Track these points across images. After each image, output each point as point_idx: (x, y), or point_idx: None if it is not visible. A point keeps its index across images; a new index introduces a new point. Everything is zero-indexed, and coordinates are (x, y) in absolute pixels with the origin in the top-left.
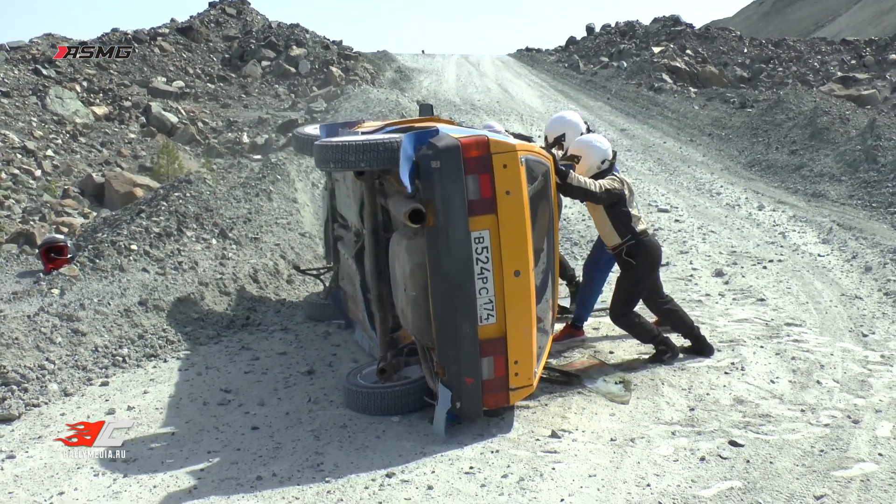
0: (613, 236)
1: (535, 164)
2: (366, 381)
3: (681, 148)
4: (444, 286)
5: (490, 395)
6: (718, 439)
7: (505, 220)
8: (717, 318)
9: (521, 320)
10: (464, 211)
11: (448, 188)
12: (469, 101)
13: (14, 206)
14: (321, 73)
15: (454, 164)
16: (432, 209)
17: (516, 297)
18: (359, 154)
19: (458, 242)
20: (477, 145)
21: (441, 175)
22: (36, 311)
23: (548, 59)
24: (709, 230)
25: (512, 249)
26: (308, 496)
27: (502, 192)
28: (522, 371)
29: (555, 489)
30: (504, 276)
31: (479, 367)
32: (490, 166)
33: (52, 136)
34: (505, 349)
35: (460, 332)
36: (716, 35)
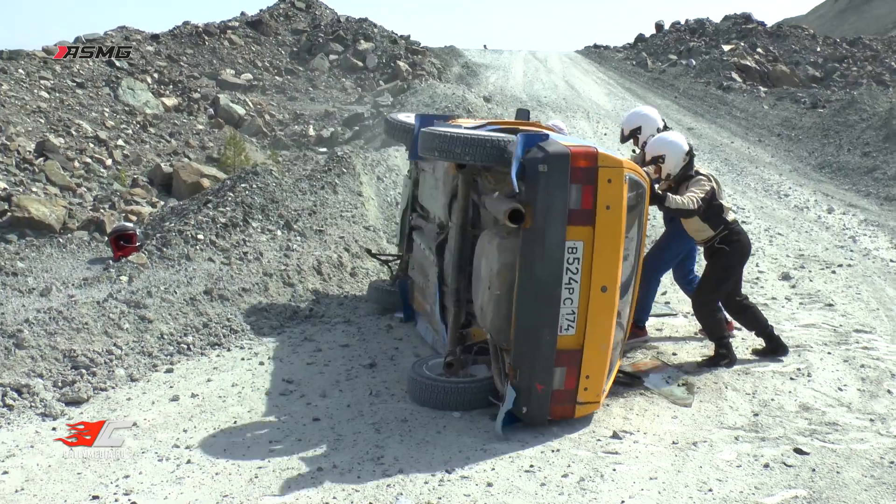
0: (706, 231)
1: (635, 183)
2: (431, 373)
3: (749, 148)
4: (532, 290)
5: (557, 405)
6: (783, 446)
7: (601, 234)
8: (783, 322)
9: (599, 336)
10: (563, 218)
11: (552, 193)
12: (536, 98)
13: (86, 193)
14: (388, 67)
15: (561, 170)
16: (532, 212)
17: (599, 313)
18: (465, 147)
19: (553, 249)
20: (585, 156)
21: (547, 180)
22: (105, 298)
23: (616, 56)
24: (776, 232)
25: (603, 265)
26: (368, 489)
27: (603, 207)
28: (592, 387)
29: (615, 490)
30: (591, 289)
31: (552, 376)
32: (595, 178)
33: (122, 126)
34: (579, 362)
35: (540, 338)
36: (788, 33)
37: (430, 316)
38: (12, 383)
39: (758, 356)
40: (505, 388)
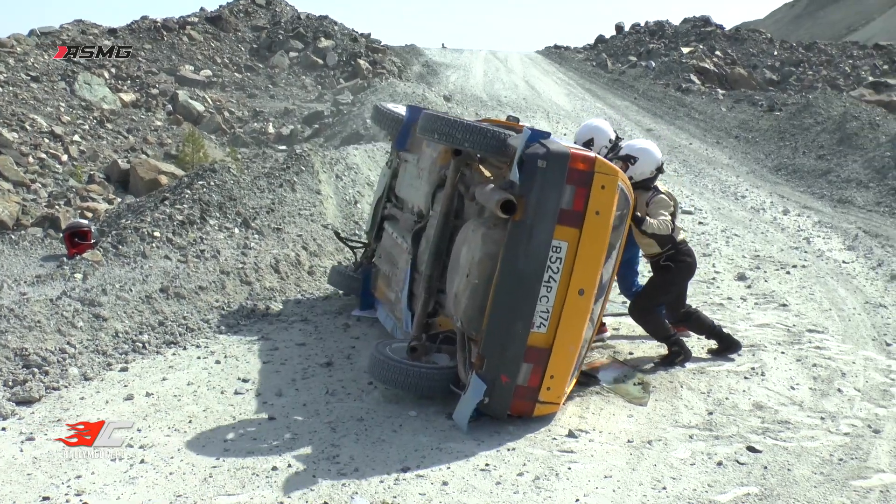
0: (653, 247)
1: (624, 196)
2: (394, 355)
3: (707, 150)
4: (512, 282)
5: (519, 400)
6: (736, 444)
7: (587, 238)
8: (738, 322)
9: (570, 338)
10: (553, 216)
11: (546, 190)
12: (496, 98)
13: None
14: (349, 65)
15: (559, 169)
16: (524, 205)
17: (573, 315)
18: (466, 133)
19: (539, 244)
20: (584, 159)
21: (544, 176)
22: (58, 295)
23: (576, 57)
24: (732, 233)
25: (584, 268)
26: (323, 488)
27: (592, 211)
28: (555, 387)
29: (570, 489)
30: (569, 290)
31: (519, 370)
32: (590, 182)
33: (79, 121)
34: (546, 361)
35: (513, 330)
36: (746, 37)
37: (393, 304)
38: None
39: (713, 355)
40: (469, 378)
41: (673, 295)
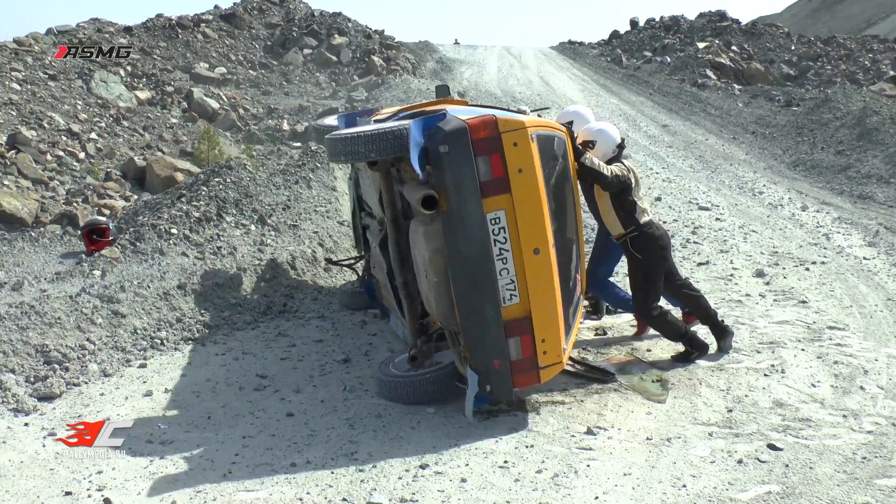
0: (617, 226)
1: (548, 139)
2: (398, 370)
3: (723, 145)
4: (464, 270)
5: (520, 375)
6: (757, 442)
7: (520, 198)
8: (756, 318)
9: (544, 298)
10: (476, 193)
11: (458, 172)
12: (510, 94)
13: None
14: (363, 62)
15: (463, 146)
16: (445, 194)
17: (538, 276)
18: (368, 144)
19: (474, 225)
20: (485, 125)
21: (450, 159)
22: (78, 292)
23: (590, 52)
24: (750, 230)
25: (529, 228)
26: (342, 484)
27: (514, 171)
28: (551, 349)
29: (589, 486)
30: (524, 255)
31: (507, 349)
32: (500, 146)
33: (95, 119)
34: (531, 328)
35: (483, 316)
36: (762, 31)
37: (396, 311)
38: None
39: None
40: (466, 371)
41: (659, 280)
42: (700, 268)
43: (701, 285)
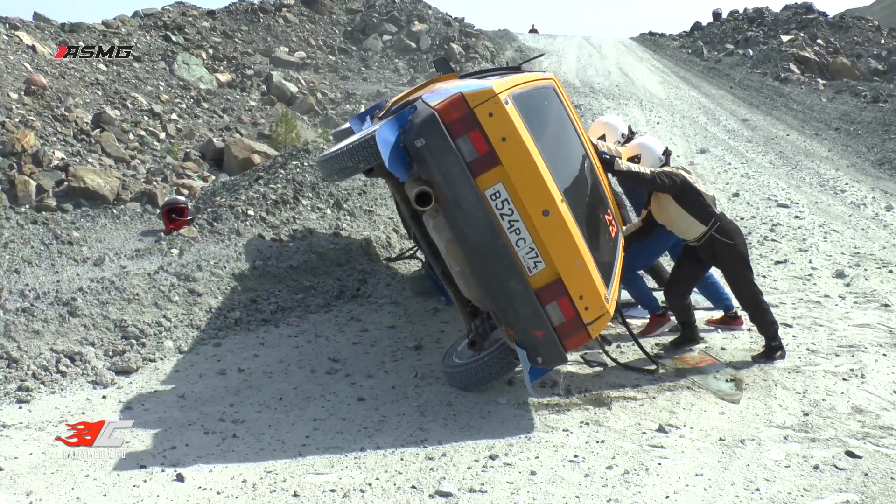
0: (696, 226)
1: (528, 95)
2: (462, 359)
3: (805, 141)
4: (479, 254)
5: (569, 338)
6: (834, 448)
7: (513, 166)
8: (835, 321)
9: (570, 256)
10: (467, 176)
11: (442, 161)
12: (589, 84)
13: (139, 166)
14: (441, 49)
15: (438, 135)
16: (437, 186)
17: (556, 236)
18: (355, 157)
19: (473, 207)
20: (454, 105)
21: (430, 151)
22: (156, 270)
23: (671, 44)
24: (831, 229)
25: (531, 192)
26: (411, 471)
27: (498, 141)
28: (592, 303)
29: (660, 485)
30: (534, 220)
31: (546, 317)
32: (476, 121)
33: (177, 100)
34: (565, 290)
35: (511, 291)
36: (850, 24)
37: None
38: (66, 350)
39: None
40: (513, 352)
41: (749, 268)
42: (777, 266)
43: (778, 284)
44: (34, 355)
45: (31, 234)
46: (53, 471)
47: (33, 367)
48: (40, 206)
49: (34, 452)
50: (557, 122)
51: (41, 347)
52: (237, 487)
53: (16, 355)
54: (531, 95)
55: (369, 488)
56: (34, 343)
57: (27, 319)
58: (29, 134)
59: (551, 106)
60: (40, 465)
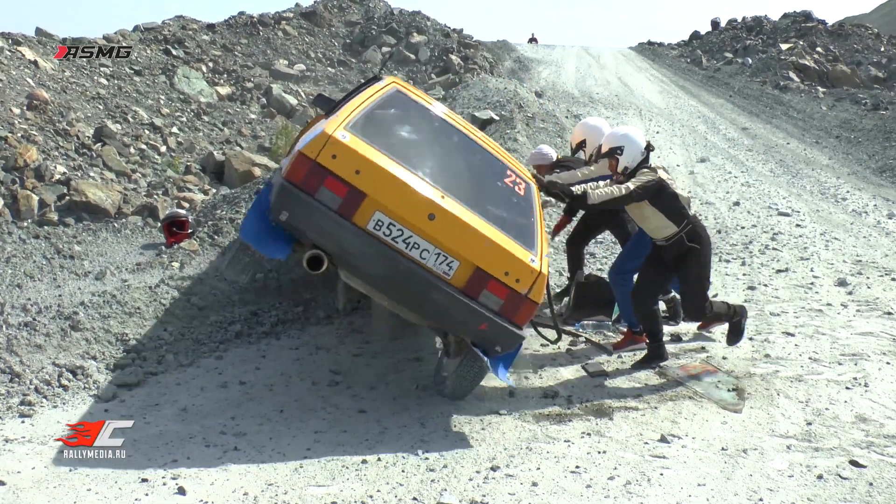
0: (668, 227)
1: (373, 112)
2: (446, 371)
3: (805, 150)
4: (390, 285)
5: (515, 315)
6: (838, 457)
7: (377, 191)
8: (838, 329)
9: (474, 243)
10: (341, 223)
11: (312, 221)
12: (588, 94)
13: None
14: (440, 60)
15: (295, 201)
16: (322, 245)
17: (453, 232)
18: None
19: (364, 247)
20: (298, 165)
21: (297, 218)
22: (157, 283)
23: (670, 53)
24: (832, 237)
25: (408, 205)
26: (412, 483)
27: (353, 176)
28: (520, 273)
29: (662, 496)
30: (424, 228)
31: (482, 309)
32: (323, 169)
33: (177, 113)
34: (488, 274)
35: (438, 303)
36: (850, 32)
37: None
38: (68, 364)
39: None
40: (476, 353)
41: (707, 278)
42: (779, 275)
43: (779, 293)
44: (36, 369)
45: (33, 248)
46: (56, 485)
47: (35, 382)
48: (42, 221)
49: (37, 467)
50: (414, 119)
51: (43, 362)
52: (238, 500)
53: (18, 370)
54: (373, 112)
55: (371, 500)
56: (36, 357)
57: (29, 334)
58: (31, 149)
59: (401, 108)
60: (43, 479)
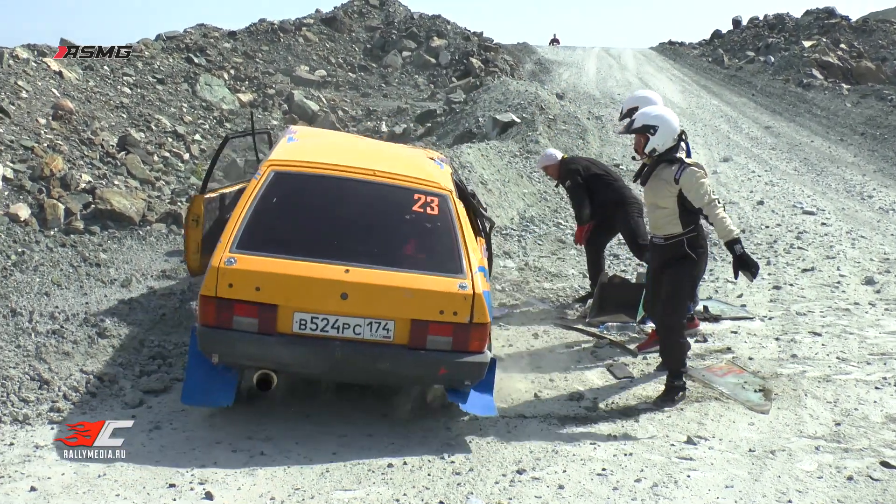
0: (675, 225)
1: (258, 212)
2: None
3: (829, 147)
4: (342, 372)
5: (469, 344)
6: (868, 458)
7: (284, 297)
8: (866, 328)
9: (396, 300)
10: (267, 341)
11: (242, 353)
12: (609, 95)
13: (164, 187)
14: (461, 64)
15: (219, 340)
16: (262, 368)
17: (371, 299)
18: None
19: (300, 351)
20: (205, 306)
21: (227, 355)
22: (182, 290)
23: (691, 52)
24: (859, 235)
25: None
26: (439, 487)
27: (255, 293)
28: (451, 304)
29: (690, 498)
30: (343, 308)
31: (434, 355)
32: (228, 301)
33: (200, 121)
34: (424, 321)
35: (388, 369)
36: (874, 28)
37: None
38: (95, 371)
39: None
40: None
41: (693, 294)
42: (804, 274)
43: (805, 292)
44: (65, 376)
45: (60, 256)
46: (85, 490)
47: (64, 389)
48: (68, 229)
49: (66, 473)
50: (301, 198)
51: (71, 369)
52: None
53: (47, 377)
54: (255, 215)
55: None
56: (64, 364)
57: (57, 341)
58: (57, 158)
59: (283, 192)
60: (72, 484)
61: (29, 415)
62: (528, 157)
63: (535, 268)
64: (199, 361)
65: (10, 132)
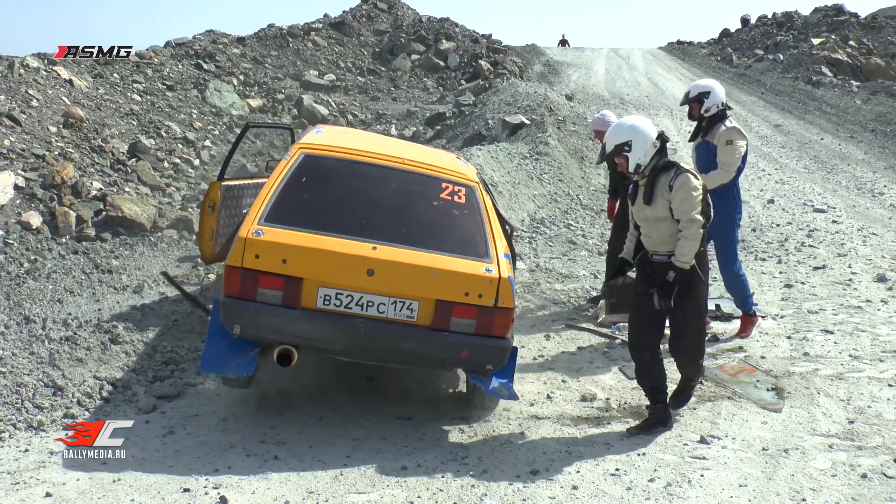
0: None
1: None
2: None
3: (840, 145)
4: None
5: (493, 328)
6: (882, 456)
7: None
8: (879, 325)
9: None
10: (291, 314)
11: (265, 325)
12: (618, 96)
13: (174, 193)
14: (470, 66)
15: (242, 312)
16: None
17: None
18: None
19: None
20: (230, 278)
21: (250, 327)
22: (194, 296)
23: (700, 52)
24: (870, 232)
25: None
26: (453, 489)
27: (282, 266)
28: (477, 287)
29: (703, 497)
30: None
31: (458, 337)
32: (253, 272)
33: (209, 127)
34: (449, 302)
35: (416, 351)
36: (884, 24)
37: None
38: (108, 377)
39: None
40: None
41: (703, 314)
42: (816, 272)
43: (817, 290)
44: (78, 383)
45: (72, 264)
46: (100, 496)
47: (78, 395)
48: (80, 237)
49: (81, 478)
50: (330, 178)
51: (85, 375)
52: None
53: (61, 383)
54: (284, 191)
55: None
56: (78, 371)
57: (71, 348)
58: (68, 166)
59: (313, 173)
60: (87, 490)
61: (43, 421)
62: (538, 159)
63: (546, 269)
64: (221, 332)
65: (21, 140)
